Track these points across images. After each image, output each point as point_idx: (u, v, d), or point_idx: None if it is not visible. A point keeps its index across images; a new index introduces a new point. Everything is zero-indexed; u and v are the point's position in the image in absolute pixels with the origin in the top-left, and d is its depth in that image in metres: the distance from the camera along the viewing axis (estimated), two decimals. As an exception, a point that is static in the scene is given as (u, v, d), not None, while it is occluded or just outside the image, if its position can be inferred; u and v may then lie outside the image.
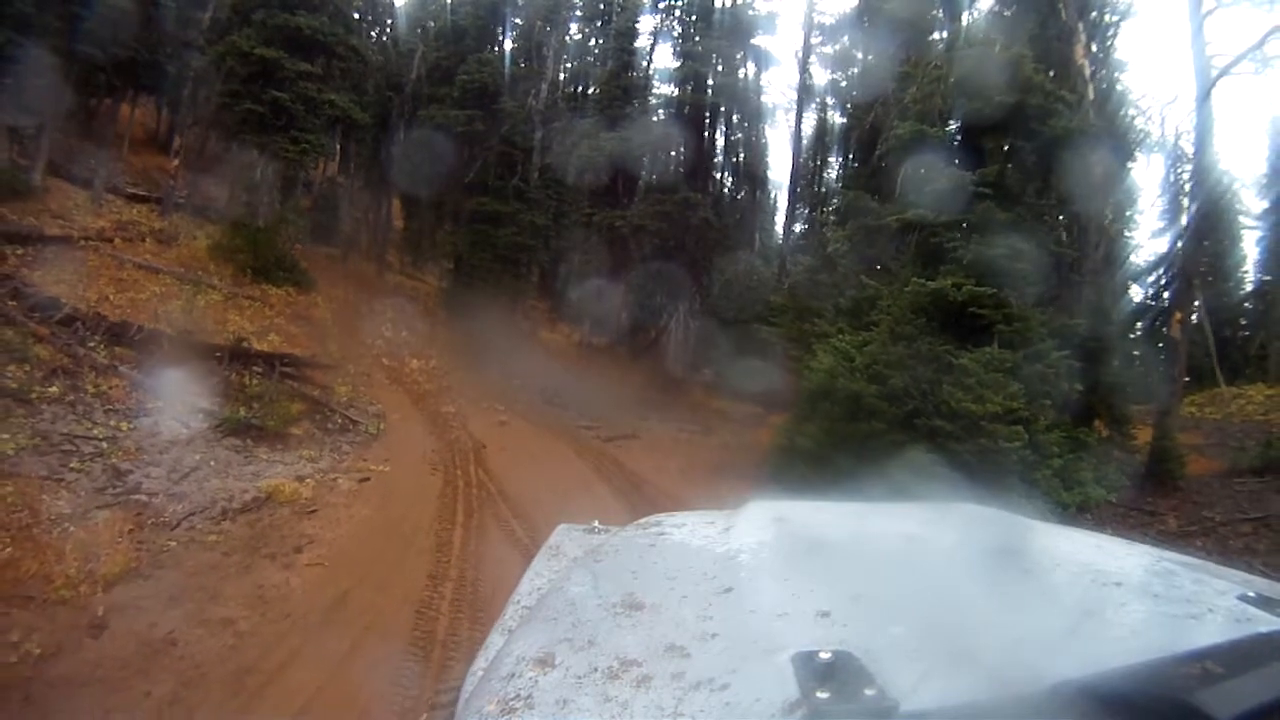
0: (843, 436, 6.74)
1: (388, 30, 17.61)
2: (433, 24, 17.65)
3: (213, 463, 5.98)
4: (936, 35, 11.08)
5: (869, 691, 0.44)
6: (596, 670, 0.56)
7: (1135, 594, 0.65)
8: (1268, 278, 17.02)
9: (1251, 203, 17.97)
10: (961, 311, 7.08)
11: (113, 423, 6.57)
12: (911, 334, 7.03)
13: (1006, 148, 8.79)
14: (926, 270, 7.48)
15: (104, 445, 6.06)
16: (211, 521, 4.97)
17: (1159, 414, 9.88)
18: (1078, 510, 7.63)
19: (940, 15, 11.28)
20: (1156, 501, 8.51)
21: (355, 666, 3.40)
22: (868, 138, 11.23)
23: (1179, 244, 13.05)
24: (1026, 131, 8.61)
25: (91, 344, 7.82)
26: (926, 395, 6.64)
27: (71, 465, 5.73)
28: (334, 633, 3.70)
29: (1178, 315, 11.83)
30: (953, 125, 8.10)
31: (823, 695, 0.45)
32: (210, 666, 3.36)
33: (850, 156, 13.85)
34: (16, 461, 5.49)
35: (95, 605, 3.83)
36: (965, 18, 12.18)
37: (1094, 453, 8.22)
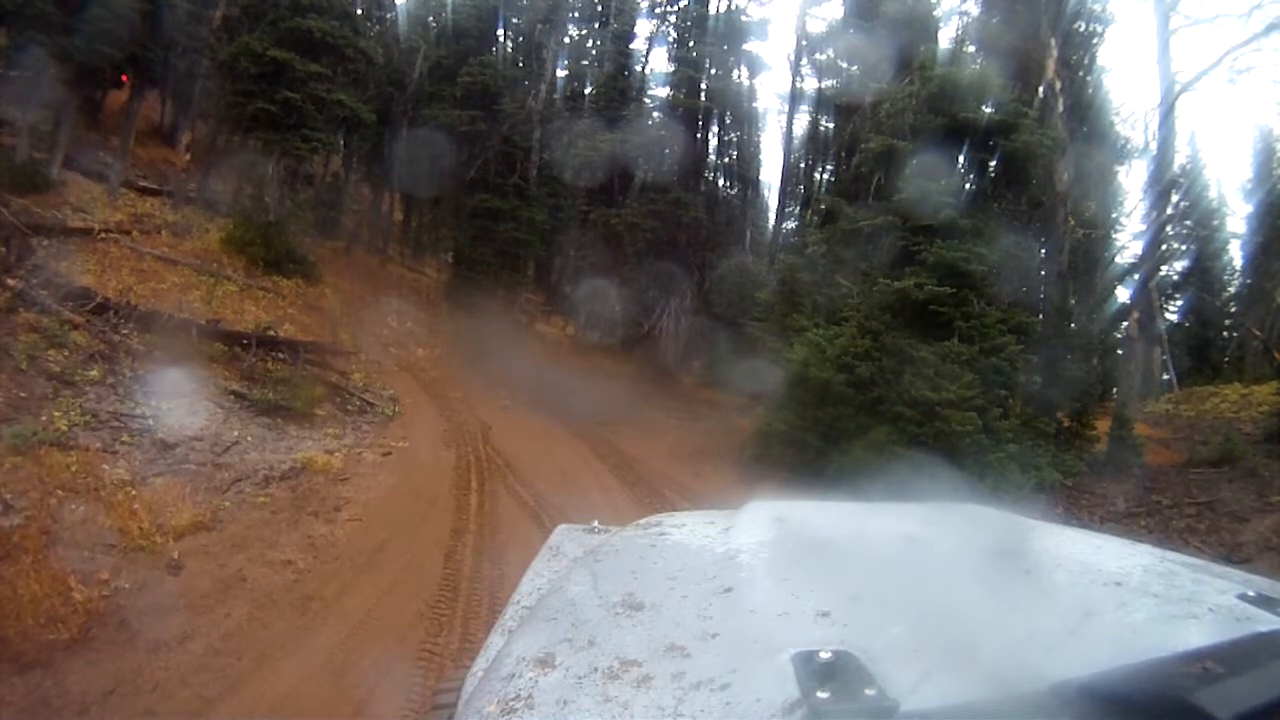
0: (814, 420, 7.50)
1: (389, 25, 17.89)
2: (433, 21, 18.05)
3: (249, 438, 6.65)
4: (922, 47, 11.64)
5: (869, 691, 0.45)
6: (597, 670, 0.56)
7: (1135, 593, 0.64)
8: (1249, 281, 17.66)
9: (1238, 207, 18.58)
10: (924, 309, 7.83)
11: (153, 403, 7.18)
12: (878, 329, 7.78)
13: (973, 159, 9.56)
14: (895, 271, 8.22)
15: (149, 423, 6.69)
16: (257, 487, 5.66)
17: (1117, 407, 10.73)
18: (1033, 490, 8.32)
19: (925, 29, 11.91)
20: (1110, 486, 9.20)
21: (398, 594, 4.14)
22: (848, 146, 11.92)
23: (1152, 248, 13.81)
24: (992, 144, 9.38)
25: (125, 331, 8.37)
26: (889, 384, 7.40)
27: (122, 439, 6.37)
28: (378, 571, 4.44)
29: (1135, 315, 12.67)
30: (923, 139, 8.81)
31: (823, 695, 0.45)
32: (278, 595, 4.08)
33: (835, 162, 14.53)
34: (72, 436, 6.11)
35: (170, 551, 4.53)
36: (954, 26, 12.89)
37: (1053, 441, 8.95)
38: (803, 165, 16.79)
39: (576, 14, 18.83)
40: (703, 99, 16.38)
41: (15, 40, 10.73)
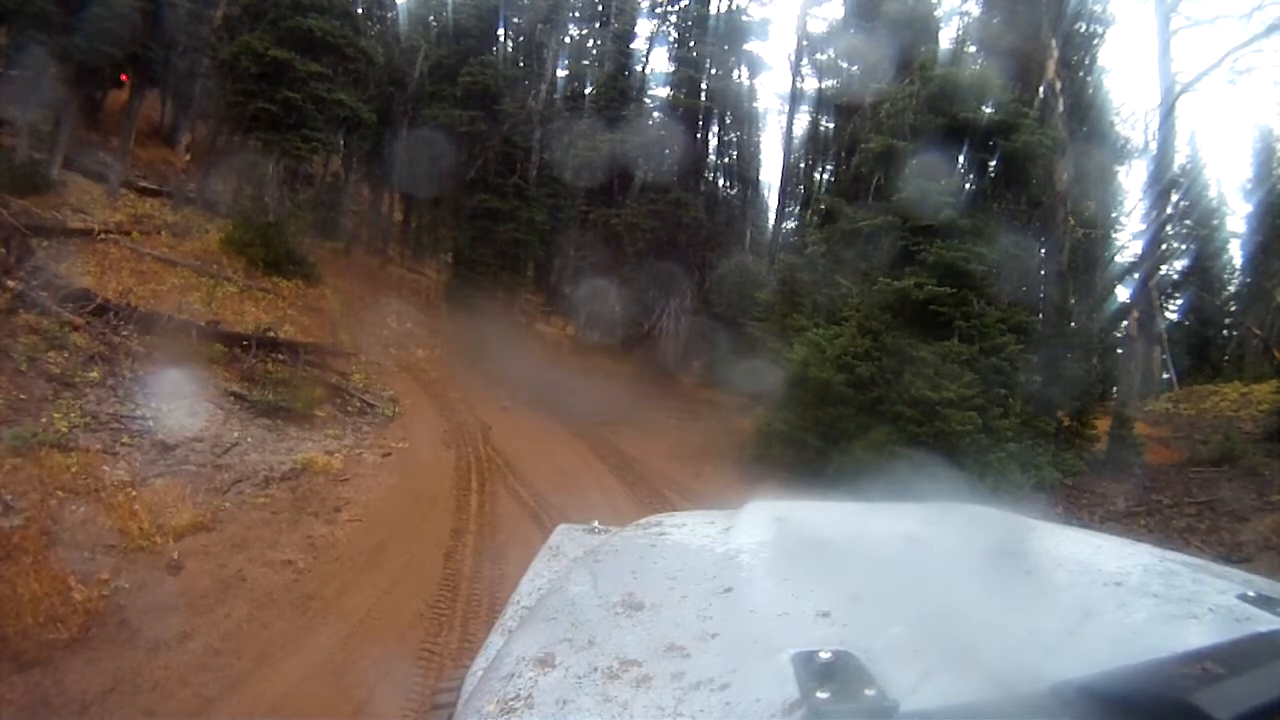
0: (814, 420, 7.50)
1: (389, 25, 17.88)
2: (434, 21, 18.08)
3: (249, 439, 6.66)
4: (922, 47, 11.63)
5: (869, 691, 0.45)
6: (596, 670, 0.56)
7: (1135, 593, 0.64)
8: (1249, 280, 17.63)
9: (1238, 207, 18.59)
10: (924, 309, 7.84)
11: (153, 404, 7.18)
12: (878, 329, 7.79)
13: (973, 159, 9.58)
14: (894, 271, 8.23)
15: (149, 424, 6.69)
16: (257, 487, 5.67)
17: (1117, 406, 10.74)
18: (1033, 490, 8.32)
19: (925, 30, 11.92)
20: (1110, 485, 9.20)
21: (398, 594, 4.15)
22: (848, 146, 11.94)
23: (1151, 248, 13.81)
24: (992, 144, 9.39)
25: (125, 332, 8.37)
26: (889, 383, 7.41)
27: (122, 441, 6.37)
28: (377, 571, 4.45)
29: (1135, 314, 12.67)
30: (923, 139, 8.82)
31: (823, 695, 0.45)
32: (278, 594, 4.08)
33: (835, 162, 14.54)
34: (73, 438, 6.11)
35: (170, 551, 4.53)
36: (954, 27, 12.91)
37: (1053, 440, 8.95)
38: (803, 165, 16.81)
39: (577, 14, 18.85)
40: (703, 99, 16.38)
41: (15, 39, 10.75)
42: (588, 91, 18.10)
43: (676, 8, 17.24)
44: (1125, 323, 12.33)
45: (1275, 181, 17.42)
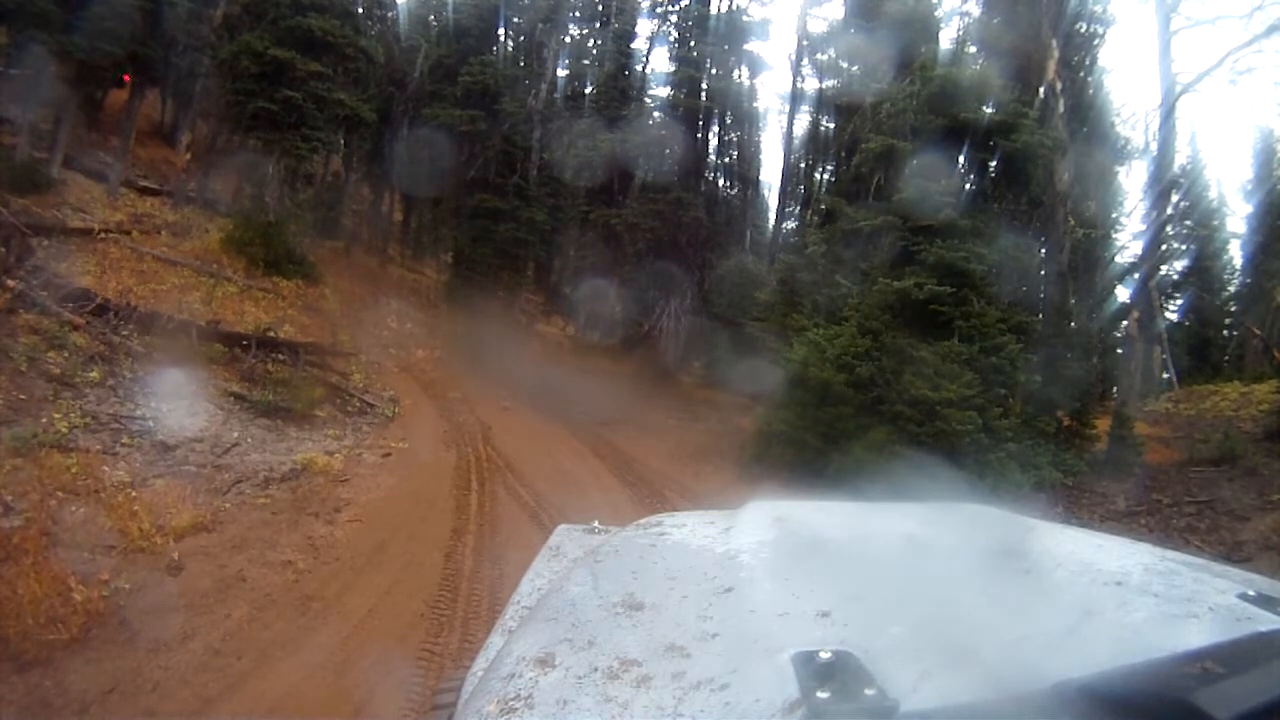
0: (814, 420, 7.50)
1: (390, 24, 17.87)
2: (434, 20, 18.08)
3: (249, 440, 6.66)
4: (922, 47, 11.63)
5: (869, 691, 0.45)
6: (597, 670, 0.56)
7: (1135, 593, 0.64)
8: (1249, 280, 17.65)
9: (1238, 207, 18.59)
10: (924, 308, 7.84)
11: (153, 404, 7.18)
12: (878, 329, 7.79)
13: (974, 159, 9.58)
14: (894, 271, 8.23)
15: (149, 424, 6.69)
16: (257, 488, 5.67)
17: (1117, 406, 10.75)
18: (1033, 490, 8.32)
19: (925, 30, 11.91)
20: (1110, 485, 9.21)
21: (398, 594, 4.16)
22: (849, 146, 11.93)
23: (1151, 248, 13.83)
24: (993, 145, 9.39)
25: (125, 332, 8.37)
26: (889, 383, 7.41)
27: (123, 441, 6.37)
28: (378, 571, 4.45)
29: (1135, 314, 12.69)
30: (923, 139, 8.82)
31: (823, 695, 0.45)
32: (278, 595, 4.09)
33: (835, 162, 14.53)
34: (73, 438, 6.11)
35: (170, 551, 4.53)
36: (954, 27, 12.91)
37: (1053, 440, 8.96)
38: (803, 165, 16.80)
39: (577, 13, 18.84)
40: (703, 99, 16.38)
41: (16, 38, 10.74)
42: (588, 91, 18.09)
43: (676, 8, 17.24)
44: (1125, 323, 12.36)
45: (1275, 182, 17.40)
